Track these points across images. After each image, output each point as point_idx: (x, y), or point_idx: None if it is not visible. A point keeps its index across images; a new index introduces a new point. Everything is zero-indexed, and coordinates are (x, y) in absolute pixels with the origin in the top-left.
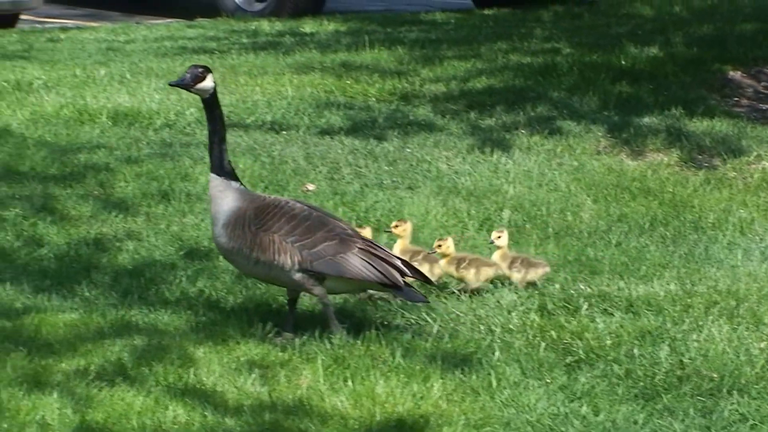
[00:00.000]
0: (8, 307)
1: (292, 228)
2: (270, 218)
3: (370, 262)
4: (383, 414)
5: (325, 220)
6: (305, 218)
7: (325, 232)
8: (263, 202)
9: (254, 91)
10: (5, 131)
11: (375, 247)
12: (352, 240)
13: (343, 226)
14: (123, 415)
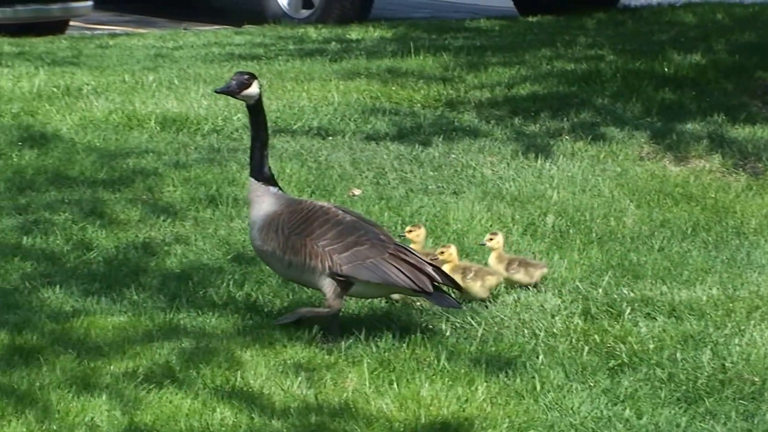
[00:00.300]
0: (58, 310)
1: (323, 232)
2: (302, 222)
3: (400, 267)
4: (428, 417)
5: (357, 224)
6: (337, 223)
7: (356, 237)
8: (298, 206)
9: (301, 96)
10: (55, 136)
11: (406, 253)
12: (383, 245)
13: (375, 231)
14: (171, 417)
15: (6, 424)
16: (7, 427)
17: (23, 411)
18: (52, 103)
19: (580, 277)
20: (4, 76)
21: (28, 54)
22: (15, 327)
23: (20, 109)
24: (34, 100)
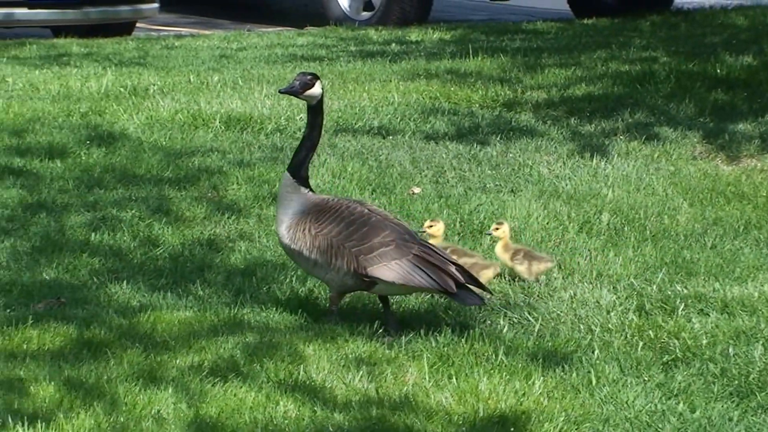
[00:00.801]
0: (125, 306)
1: (350, 233)
2: (329, 222)
3: (424, 268)
4: (486, 410)
5: (383, 224)
6: (363, 223)
7: (381, 237)
8: (325, 205)
9: (362, 97)
10: (122, 135)
11: (430, 253)
12: (407, 246)
13: (400, 231)
14: (235, 410)
15: (75, 417)
16: (75, 419)
17: (91, 403)
18: (120, 102)
19: (634, 274)
20: (73, 76)
21: (96, 55)
22: (83, 321)
23: (89, 108)
24: (102, 99)
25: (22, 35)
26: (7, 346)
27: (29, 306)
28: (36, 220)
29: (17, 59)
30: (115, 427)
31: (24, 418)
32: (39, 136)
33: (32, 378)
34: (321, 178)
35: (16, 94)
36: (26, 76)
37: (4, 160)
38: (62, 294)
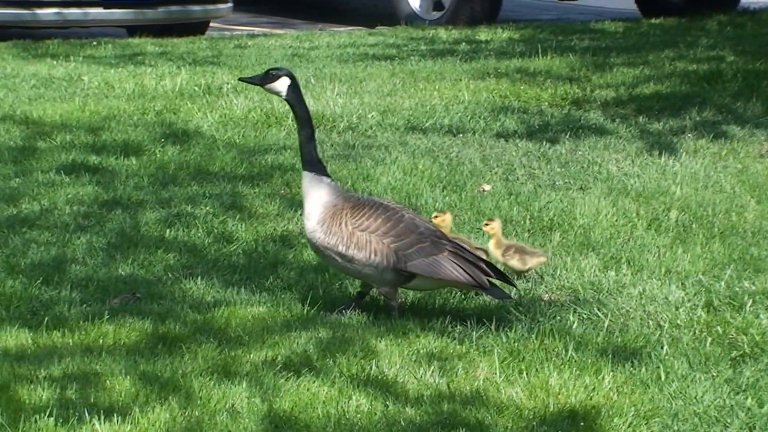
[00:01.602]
0: (200, 301)
1: (388, 229)
2: (367, 218)
3: (461, 264)
4: (556, 405)
5: (416, 222)
6: (399, 220)
7: (417, 234)
8: (358, 201)
9: (432, 95)
10: (197, 133)
11: (463, 251)
12: (442, 243)
13: (431, 228)
14: (309, 404)
15: (150, 411)
16: (151, 413)
17: (166, 398)
18: (194, 101)
19: (702, 271)
20: (147, 75)
21: (171, 54)
22: (158, 317)
23: (163, 107)
24: (176, 98)
25: (97, 35)
26: (84, 340)
27: (105, 301)
28: (112, 216)
29: (93, 58)
30: (189, 421)
31: (100, 412)
32: (114, 134)
33: (108, 372)
34: (392, 175)
35: (92, 92)
36: (102, 74)
37: (81, 158)
38: (138, 289)
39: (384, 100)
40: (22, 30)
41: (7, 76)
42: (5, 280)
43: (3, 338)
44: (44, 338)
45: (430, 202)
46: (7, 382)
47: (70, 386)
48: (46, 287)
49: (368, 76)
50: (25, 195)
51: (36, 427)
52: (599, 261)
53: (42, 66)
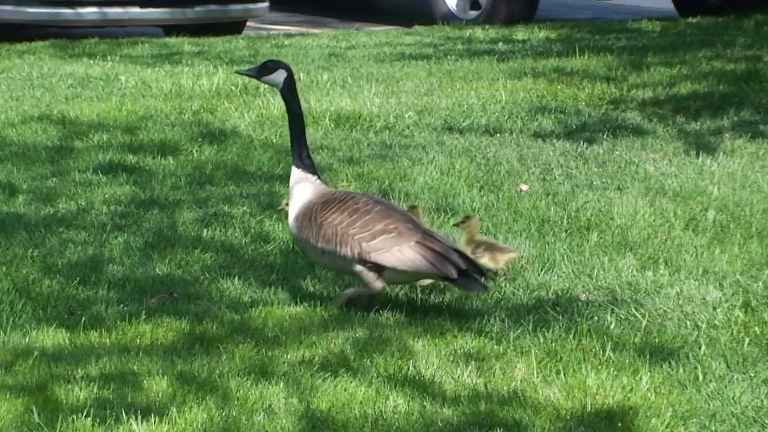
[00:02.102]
0: (237, 301)
1: (353, 221)
2: (334, 211)
3: (424, 255)
4: (594, 405)
5: (386, 213)
6: (366, 212)
7: (384, 225)
8: (331, 196)
9: (470, 95)
10: (234, 133)
11: (432, 241)
12: (410, 233)
13: (403, 219)
14: (346, 405)
15: (187, 410)
16: (188, 413)
17: (204, 398)
18: (231, 100)
19: (740, 271)
20: (184, 74)
21: (207, 53)
22: (196, 317)
23: (200, 106)
24: (213, 98)
25: (134, 34)
26: (121, 340)
27: (142, 301)
28: (148, 216)
29: (130, 58)
30: (227, 420)
31: (137, 411)
32: (151, 134)
33: (145, 372)
34: (429, 175)
35: (129, 92)
36: (139, 74)
37: (118, 157)
38: (174, 289)
39: (421, 100)
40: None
41: (44, 75)
42: (42, 279)
43: (40, 338)
44: (81, 338)
45: (467, 202)
46: (45, 381)
47: (108, 386)
48: (83, 287)
49: (405, 75)
50: (62, 195)
51: (73, 427)
52: (636, 261)
53: (79, 65)
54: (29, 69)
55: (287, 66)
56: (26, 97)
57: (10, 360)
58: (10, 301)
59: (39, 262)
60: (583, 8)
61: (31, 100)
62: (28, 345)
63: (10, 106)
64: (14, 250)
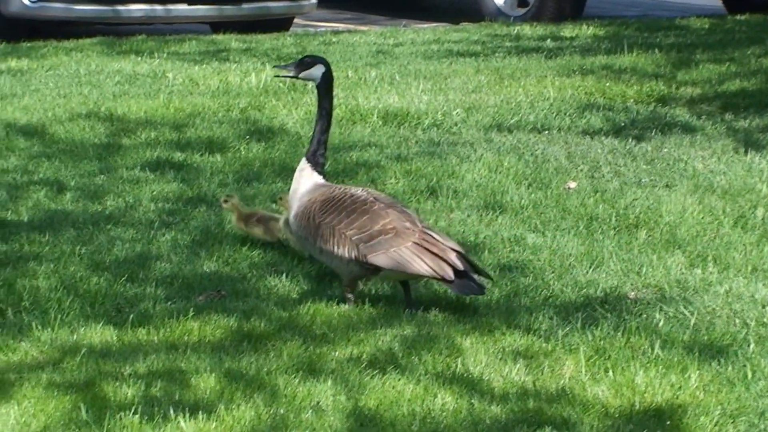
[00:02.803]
0: (285, 298)
1: (350, 221)
2: (332, 211)
3: (422, 256)
4: (642, 404)
5: (384, 213)
6: (364, 212)
7: (381, 225)
8: (330, 194)
9: (518, 92)
10: (281, 130)
11: (430, 241)
12: (407, 234)
13: (402, 219)
14: (394, 402)
15: (235, 408)
16: (236, 411)
17: (251, 395)
18: (279, 97)
19: None
20: (232, 71)
21: (255, 50)
22: (243, 314)
23: (248, 103)
24: (261, 95)
25: (181, 31)
26: (169, 338)
27: (190, 298)
28: (196, 213)
29: (177, 55)
30: (274, 418)
31: (185, 409)
32: (199, 131)
33: (193, 370)
34: (477, 173)
35: (177, 89)
36: (186, 71)
37: (165, 154)
38: (222, 286)
39: (469, 97)
40: (106, 26)
41: (92, 72)
42: (90, 277)
43: (88, 335)
44: (129, 335)
45: (515, 200)
46: (93, 379)
47: (155, 383)
48: (131, 284)
49: (453, 72)
50: (110, 192)
51: (121, 425)
52: (685, 259)
53: (126, 62)
54: (77, 66)
55: (325, 61)
56: (74, 95)
57: (58, 357)
58: (58, 299)
59: (87, 260)
60: (631, 5)
61: (79, 97)
62: (76, 342)
63: (57, 104)
64: (62, 247)
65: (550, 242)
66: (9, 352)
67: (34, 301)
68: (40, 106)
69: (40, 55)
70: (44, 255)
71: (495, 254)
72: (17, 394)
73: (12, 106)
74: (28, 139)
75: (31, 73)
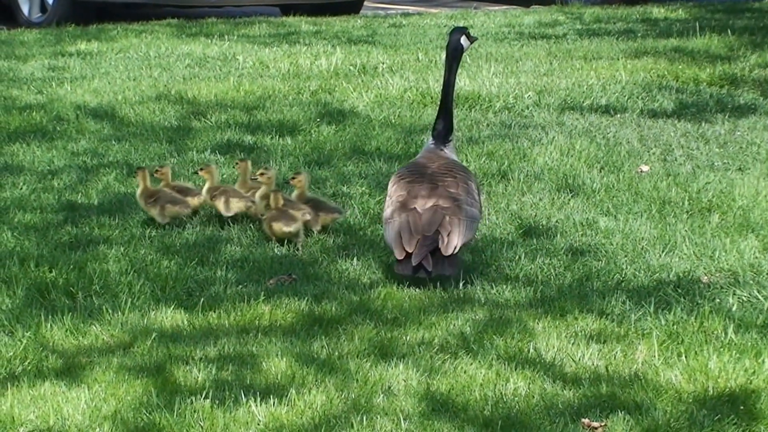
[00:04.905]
0: (356, 282)
1: (397, 188)
2: (392, 184)
3: (393, 234)
4: (716, 389)
5: (411, 186)
6: (408, 182)
7: (398, 194)
8: (407, 168)
9: (589, 75)
10: (352, 113)
11: (414, 217)
12: (404, 208)
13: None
14: (466, 387)
15: (306, 392)
16: (307, 395)
17: (323, 379)
18: (349, 80)
19: None
20: (302, 54)
21: (325, 33)
22: (314, 298)
23: (318, 86)
24: (331, 78)
25: (251, 14)
26: (240, 321)
27: (261, 282)
28: None
29: (247, 37)
30: (346, 402)
31: (256, 393)
32: (269, 114)
33: (264, 354)
34: (549, 156)
35: (247, 72)
36: (256, 54)
37: (236, 137)
38: (293, 270)
39: (540, 80)
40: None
41: (162, 55)
42: (161, 260)
43: (158, 319)
44: (200, 319)
45: (587, 183)
46: (163, 363)
47: (226, 367)
48: (201, 267)
49: (524, 55)
50: (180, 174)
51: (192, 409)
52: (759, 243)
53: (196, 45)
54: (147, 49)
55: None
56: (144, 77)
57: (129, 341)
58: (129, 282)
59: (157, 243)
60: None
61: (149, 80)
62: (146, 326)
63: (127, 86)
64: (132, 230)
65: (622, 226)
66: (80, 335)
67: (105, 284)
68: (110, 89)
69: (109, 38)
70: (114, 238)
71: (567, 238)
72: (88, 378)
73: (82, 89)
74: (98, 122)
75: (101, 55)
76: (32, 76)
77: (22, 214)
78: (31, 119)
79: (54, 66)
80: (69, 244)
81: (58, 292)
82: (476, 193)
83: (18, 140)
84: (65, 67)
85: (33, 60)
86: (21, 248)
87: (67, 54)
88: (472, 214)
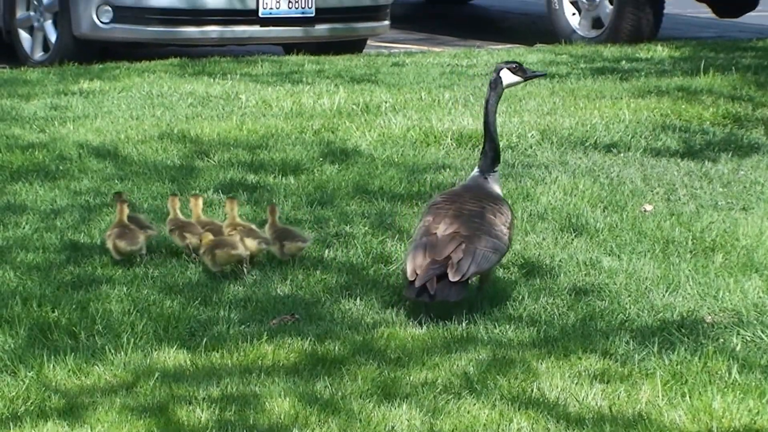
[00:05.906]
0: (359, 321)
1: (426, 214)
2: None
3: (409, 257)
4: (720, 429)
5: (438, 212)
6: (438, 209)
7: (425, 219)
8: (441, 197)
9: (593, 114)
10: (355, 152)
11: (431, 248)
12: (426, 233)
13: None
14: (469, 427)
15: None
16: None
17: (326, 420)
18: (352, 119)
19: None
20: (305, 93)
21: (328, 72)
22: (317, 337)
23: (321, 125)
24: (334, 116)
25: (254, 52)
26: (242, 361)
27: (263, 322)
28: None
29: (250, 76)
30: None
31: None
32: (272, 153)
33: (267, 394)
34: (552, 195)
35: (249, 111)
36: (259, 93)
37: (239, 176)
38: (296, 310)
39: (544, 119)
40: (178, 48)
41: (165, 94)
42: (164, 300)
43: (161, 358)
44: (202, 359)
45: (591, 222)
46: (166, 402)
47: (229, 407)
48: (204, 307)
49: (527, 94)
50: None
51: None
52: (762, 282)
53: (199, 84)
54: (149, 87)
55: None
56: (146, 116)
57: (132, 381)
58: (131, 322)
59: (159, 282)
60: (707, 26)
61: (152, 119)
62: (149, 366)
63: (130, 125)
64: (134, 270)
65: (626, 265)
66: (82, 375)
67: (107, 324)
68: (113, 128)
69: (112, 77)
70: (117, 278)
71: (570, 277)
72: (91, 418)
73: (84, 128)
74: (100, 161)
75: (104, 94)
76: (35, 115)
77: (25, 254)
78: (33, 158)
79: (56, 105)
80: (71, 283)
81: (60, 332)
82: (506, 225)
83: (21, 179)
84: (68, 106)
85: (35, 99)
86: (23, 288)
87: (69, 93)
88: (493, 245)
